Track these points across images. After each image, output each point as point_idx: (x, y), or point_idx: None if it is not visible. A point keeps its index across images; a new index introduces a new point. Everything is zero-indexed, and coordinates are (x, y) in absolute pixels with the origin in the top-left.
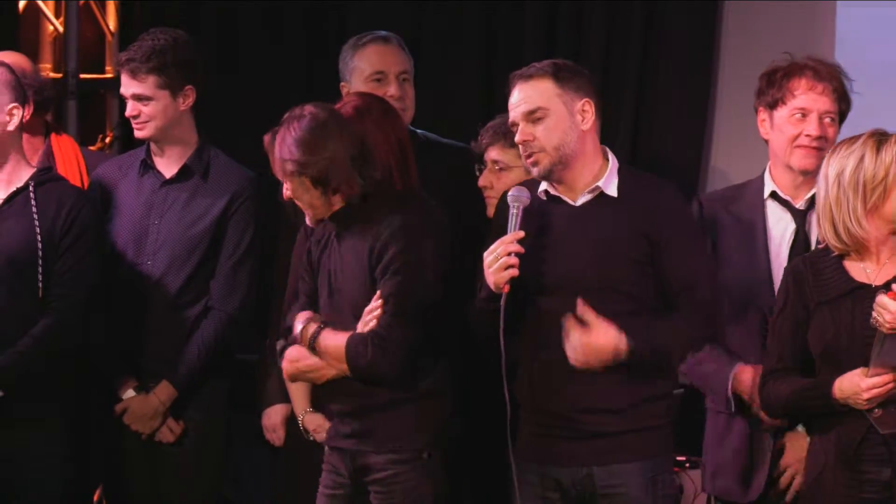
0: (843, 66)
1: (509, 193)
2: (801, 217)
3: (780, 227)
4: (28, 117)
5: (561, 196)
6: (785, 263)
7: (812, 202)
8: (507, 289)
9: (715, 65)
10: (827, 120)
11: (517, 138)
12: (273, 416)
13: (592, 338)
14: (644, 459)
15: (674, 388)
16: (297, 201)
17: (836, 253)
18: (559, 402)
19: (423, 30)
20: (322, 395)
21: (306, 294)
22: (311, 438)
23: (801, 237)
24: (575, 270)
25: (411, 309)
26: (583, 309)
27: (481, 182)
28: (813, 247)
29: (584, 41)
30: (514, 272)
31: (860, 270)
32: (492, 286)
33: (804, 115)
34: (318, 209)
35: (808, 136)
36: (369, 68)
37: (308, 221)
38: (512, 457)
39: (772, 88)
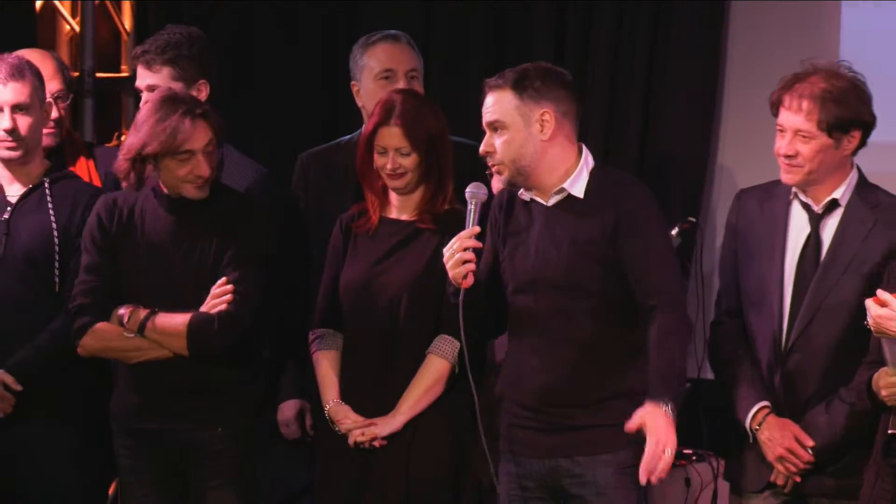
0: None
1: (467, 190)
2: (816, 220)
3: (797, 229)
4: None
5: (535, 198)
6: (795, 268)
7: (830, 206)
8: (465, 284)
9: (722, 65)
10: (800, 138)
11: (481, 149)
12: (286, 411)
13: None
14: (611, 452)
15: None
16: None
17: None
18: (530, 395)
19: (434, 29)
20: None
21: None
22: (336, 429)
23: (812, 241)
24: (544, 268)
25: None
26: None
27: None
28: (824, 251)
29: (593, 41)
30: (471, 266)
31: None
32: (452, 281)
33: (782, 132)
34: None
35: (780, 153)
36: (378, 66)
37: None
38: (485, 446)
39: (772, 100)
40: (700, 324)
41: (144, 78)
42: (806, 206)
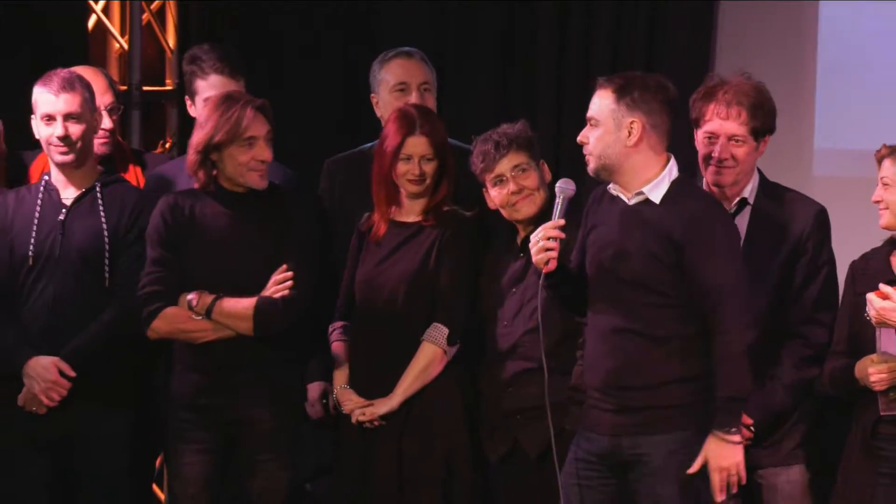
0: (760, 83)
1: (557, 184)
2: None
3: None
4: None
5: (619, 195)
6: None
7: (741, 205)
8: (546, 269)
9: (711, 67)
10: (733, 143)
11: (579, 137)
12: (312, 392)
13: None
14: (666, 434)
15: (710, 369)
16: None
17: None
18: (598, 377)
19: (447, 42)
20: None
21: None
22: (342, 411)
23: None
24: (614, 262)
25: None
26: None
27: (497, 195)
28: (742, 244)
29: (594, 42)
30: (553, 254)
31: None
32: (535, 265)
33: (713, 138)
34: None
35: (714, 157)
36: (393, 80)
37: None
38: (551, 423)
39: (693, 111)
40: None
41: (228, 86)
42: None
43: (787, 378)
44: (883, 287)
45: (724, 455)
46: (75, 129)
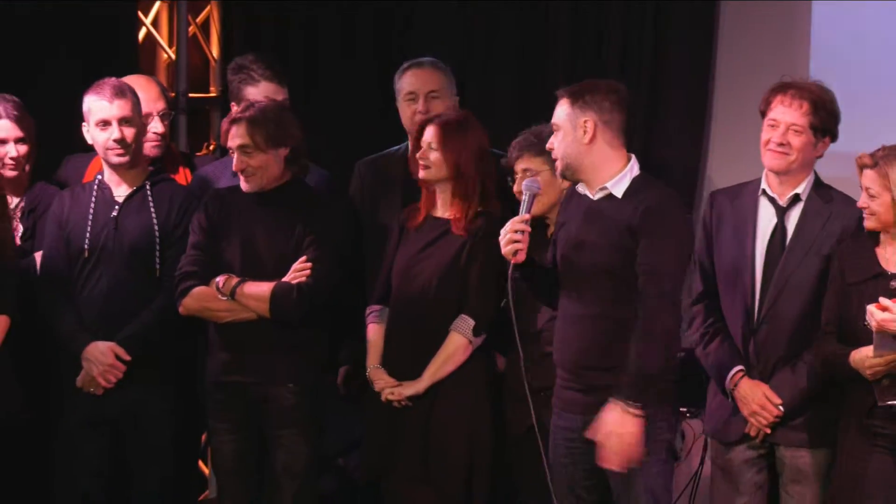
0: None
1: (524, 183)
2: (782, 213)
3: (765, 221)
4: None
5: (585, 192)
6: (765, 251)
7: (793, 200)
8: (514, 260)
9: (712, 72)
10: (792, 130)
11: (547, 145)
12: (341, 374)
13: (604, 438)
14: None
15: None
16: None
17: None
18: (568, 360)
19: (474, 45)
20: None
21: None
22: (373, 389)
23: (779, 230)
24: (578, 253)
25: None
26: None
27: (516, 189)
28: (789, 238)
29: (606, 46)
30: (519, 246)
31: (885, 258)
32: (504, 256)
33: (775, 125)
34: None
35: (773, 141)
36: (405, 88)
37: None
38: (531, 407)
39: (762, 103)
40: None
41: (279, 93)
42: (772, 201)
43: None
44: (883, 301)
45: (622, 423)
46: (129, 132)
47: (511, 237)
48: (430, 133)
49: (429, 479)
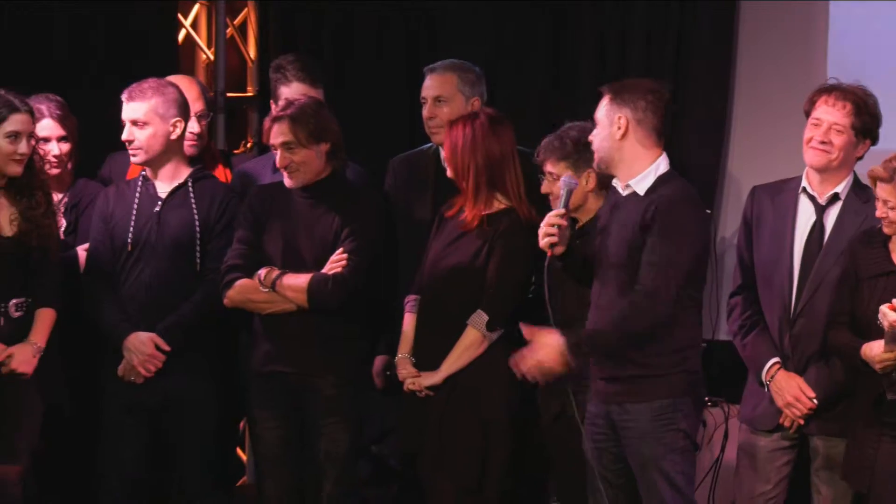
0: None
1: (561, 179)
2: (821, 210)
3: (804, 218)
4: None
5: (617, 187)
6: (803, 248)
7: (832, 199)
8: (550, 252)
9: (733, 72)
10: (834, 130)
11: (589, 137)
12: (378, 364)
13: (534, 353)
14: (648, 402)
15: (690, 343)
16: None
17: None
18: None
19: (503, 44)
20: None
21: None
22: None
23: (817, 227)
24: (603, 246)
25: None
26: (525, 330)
27: (543, 189)
28: (827, 235)
29: (629, 47)
30: (554, 240)
31: None
32: (542, 248)
33: (818, 124)
34: None
35: (815, 139)
36: (421, 93)
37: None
38: (570, 391)
39: (807, 103)
40: (714, 295)
41: (310, 91)
42: (812, 199)
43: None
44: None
45: (552, 343)
46: (140, 133)
47: (546, 230)
48: (446, 136)
49: (445, 467)
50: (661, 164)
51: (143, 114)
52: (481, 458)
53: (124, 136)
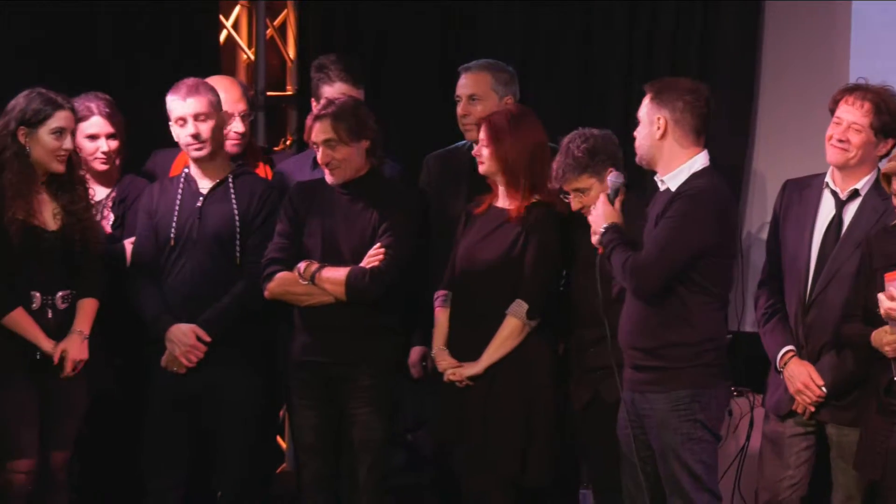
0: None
1: (608, 177)
2: (840, 205)
3: (825, 212)
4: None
5: (658, 183)
6: (821, 240)
7: (852, 195)
8: (601, 250)
9: (758, 70)
10: (853, 129)
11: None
12: (413, 355)
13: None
14: (667, 392)
15: (709, 337)
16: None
17: None
18: (623, 339)
19: (535, 46)
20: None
21: None
22: (438, 369)
23: (835, 221)
24: (639, 239)
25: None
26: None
27: (574, 207)
28: (844, 230)
29: (657, 44)
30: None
31: None
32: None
33: (838, 123)
34: None
35: (835, 137)
36: (456, 91)
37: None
38: (618, 379)
39: (831, 102)
40: (739, 287)
41: (349, 91)
42: (834, 194)
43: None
44: (889, 289)
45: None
46: (203, 127)
47: (594, 228)
48: (482, 130)
49: (486, 458)
50: (698, 162)
51: (205, 108)
52: (522, 449)
53: (189, 132)
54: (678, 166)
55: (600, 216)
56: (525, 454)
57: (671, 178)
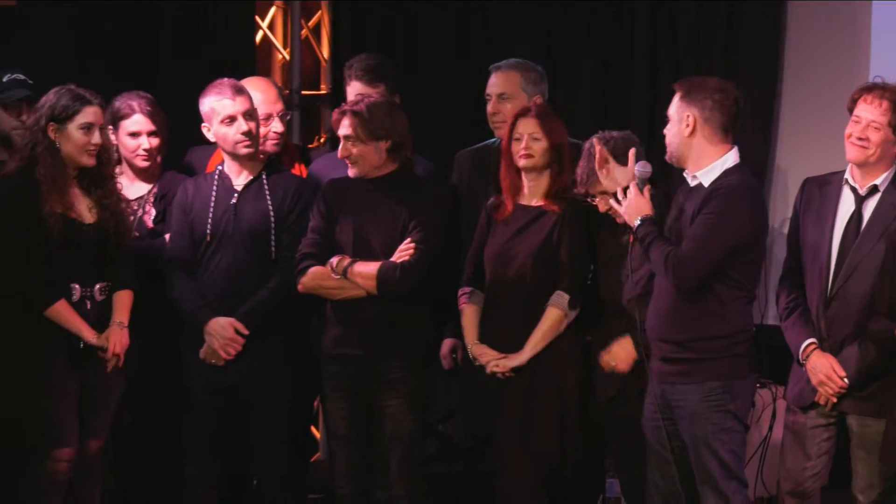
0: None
1: (635, 168)
2: (860, 201)
3: (845, 207)
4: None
5: (687, 179)
6: (841, 235)
7: (871, 191)
8: (632, 238)
9: (780, 70)
10: (872, 127)
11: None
12: (444, 347)
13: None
14: (698, 383)
15: (740, 329)
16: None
17: None
18: (652, 330)
19: (561, 47)
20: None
21: None
22: (476, 363)
23: (855, 216)
24: (669, 233)
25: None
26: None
27: (602, 210)
28: (864, 225)
29: (679, 57)
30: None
31: None
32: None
33: (858, 121)
34: None
35: (854, 135)
36: (486, 89)
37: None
38: (648, 368)
39: (850, 102)
40: (763, 281)
41: (365, 90)
42: (853, 190)
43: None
44: None
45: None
46: (252, 125)
47: (629, 221)
48: (530, 124)
49: (528, 443)
50: (730, 159)
51: (252, 106)
52: (561, 435)
53: (241, 129)
54: (709, 163)
55: (633, 207)
56: (564, 442)
57: (704, 174)
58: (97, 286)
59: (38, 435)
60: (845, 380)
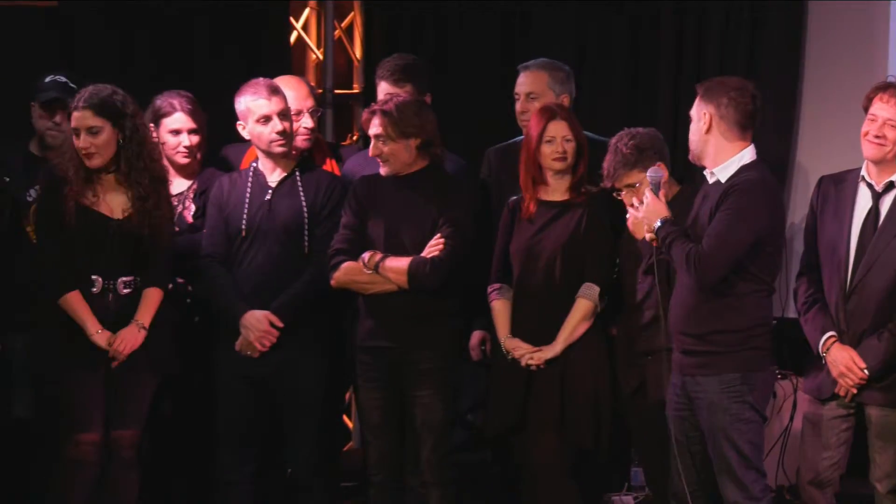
0: None
1: (648, 172)
2: (877, 197)
3: (862, 204)
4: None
5: (707, 176)
6: (859, 231)
7: (888, 187)
8: (651, 239)
9: (801, 69)
10: (888, 125)
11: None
12: (473, 339)
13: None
14: (718, 375)
15: (759, 322)
16: None
17: None
18: (674, 323)
19: (588, 48)
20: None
21: None
22: (510, 357)
23: (873, 212)
24: (692, 232)
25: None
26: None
27: (629, 203)
28: (881, 220)
29: (703, 57)
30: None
31: None
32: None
33: (874, 119)
34: None
35: (871, 133)
36: (515, 88)
37: None
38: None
39: (865, 101)
40: (783, 276)
41: (391, 90)
42: (870, 186)
43: None
44: None
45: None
46: (287, 125)
47: (649, 225)
48: (562, 127)
49: (562, 428)
50: (746, 155)
51: (286, 105)
52: (596, 421)
53: (276, 129)
54: (726, 159)
55: (651, 212)
56: (598, 426)
57: (721, 171)
58: (121, 280)
59: (63, 420)
60: (865, 371)
